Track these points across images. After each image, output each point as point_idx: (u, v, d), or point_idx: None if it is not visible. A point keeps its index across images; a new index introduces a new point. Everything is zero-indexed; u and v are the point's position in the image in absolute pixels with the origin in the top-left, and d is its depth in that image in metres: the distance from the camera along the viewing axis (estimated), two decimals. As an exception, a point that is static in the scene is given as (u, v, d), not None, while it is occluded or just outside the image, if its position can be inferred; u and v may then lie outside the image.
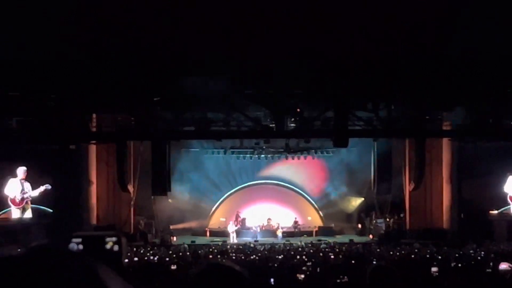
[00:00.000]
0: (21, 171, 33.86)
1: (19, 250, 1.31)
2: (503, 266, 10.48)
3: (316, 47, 21.99)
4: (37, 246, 1.27)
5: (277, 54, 22.30)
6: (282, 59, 22.77)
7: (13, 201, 33.80)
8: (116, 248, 2.01)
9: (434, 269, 11.58)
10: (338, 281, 10.55)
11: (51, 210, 33.87)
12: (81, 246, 1.95)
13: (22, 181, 33.96)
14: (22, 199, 33.86)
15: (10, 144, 30.72)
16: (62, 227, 29.80)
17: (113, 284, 1.23)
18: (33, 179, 34.00)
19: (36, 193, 33.89)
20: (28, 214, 34.13)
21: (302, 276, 12.54)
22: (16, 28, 20.51)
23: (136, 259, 22.47)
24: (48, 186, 33.68)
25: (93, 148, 35.02)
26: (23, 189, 33.93)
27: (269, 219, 40.78)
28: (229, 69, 23.80)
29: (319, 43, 21.75)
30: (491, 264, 16.46)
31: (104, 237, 2.01)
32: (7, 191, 33.78)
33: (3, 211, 33.75)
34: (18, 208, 33.93)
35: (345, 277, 12.03)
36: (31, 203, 34.05)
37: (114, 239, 2.01)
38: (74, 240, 1.97)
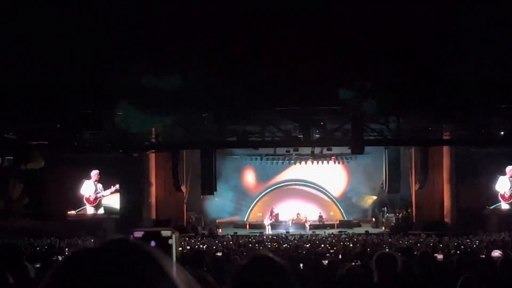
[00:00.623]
0: (94, 173, 34.16)
1: (92, 241, 1.32)
2: (495, 253, 10.34)
3: (337, 72, 21.95)
4: (110, 240, 1.26)
5: (305, 78, 22.29)
6: (309, 82, 22.76)
7: (87, 199, 34.11)
8: (170, 241, 2.00)
9: (439, 256, 11.45)
10: (353, 264, 10.43)
11: (119, 208, 34.14)
12: (153, 243, 1.94)
13: (95, 182, 34.25)
14: (96, 198, 34.15)
15: (84, 152, 30.95)
16: (128, 221, 30.02)
17: (171, 270, 1.23)
18: (104, 181, 34.29)
19: (107, 192, 34.20)
20: (101, 211, 34.41)
21: (326, 262, 12.43)
22: (90, 59, 20.68)
23: (188, 247, 22.55)
24: (117, 187, 33.94)
25: (152, 156, 35.21)
26: (96, 190, 34.20)
27: (298, 214, 40.62)
28: (265, 90, 23.83)
29: (340, 69, 21.71)
30: (484, 251, 16.26)
31: (159, 232, 2.01)
32: (83, 191, 34.08)
33: (80, 208, 34.03)
34: (92, 206, 34.21)
35: (358, 261, 11.92)
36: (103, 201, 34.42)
37: (169, 233, 2.01)
38: (136, 234, 1.97)
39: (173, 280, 1.21)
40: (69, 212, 33.61)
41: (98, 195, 34.18)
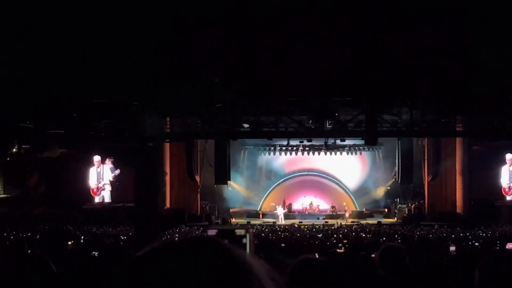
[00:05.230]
0: (96, 160, 33.95)
1: (176, 239, 1.31)
2: (510, 246, 10.22)
3: (351, 64, 21.90)
4: (192, 237, 1.26)
5: (319, 69, 22.24)
6: (323, 73, 22.71)
7: (92, 191, 34.05)
8: (244, 240, 1.94)
9: (452, 248, 11.31)
10: (373, 256, 10.33)
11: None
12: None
13: (98, 169, 34.09)
14: (98, 188, 34.04)
15: (100, 142, 31.03)
16: (142, 210, 30.03)
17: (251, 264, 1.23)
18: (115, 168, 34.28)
19: (108, 179, 34.00)
20: (107, 199, 34.31)
21: (342, 250, 12.35)
22: (106, 50, 20.72)
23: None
24: (116, 172, 33.79)
25: (167, 146, 35.21)
26: (99, 177, 34.05)
27: (311, 204, 40.67)
28: (279, 81, 23.80)
29: (353, 60, 21.65)
30: (497, 242, 16.13)
31: (234, 230, 1.95)
32: (90, 182, 34.00)
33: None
34: (96, 196, 34.14)
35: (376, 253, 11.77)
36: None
37: (243, 232, 1.94)
38: (210, 232, 1.92)
39: (254, 271, 1.21)
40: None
41: (100, 185, 34.02)
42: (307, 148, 40.15)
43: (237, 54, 22.02)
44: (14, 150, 32.26)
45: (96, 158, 33.90)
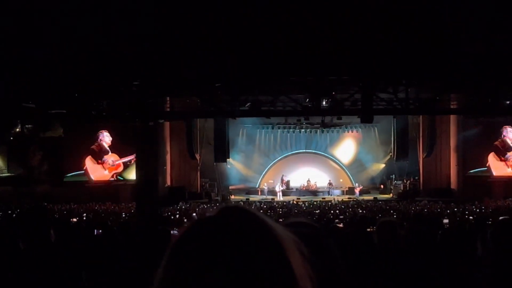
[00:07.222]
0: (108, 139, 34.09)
1: (210, 210, 1.40)
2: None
3: (347, 43, 21.86)
4: (225, 207, 1.38)
5: (315, 48, 22.21)
6: (319, 52, 22.67)
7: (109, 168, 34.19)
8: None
9: (445, 220, 11.41)
10: (369, 230, 10.43)
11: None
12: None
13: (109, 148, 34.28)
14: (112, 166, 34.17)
15: (101, 121, 31.07)
16: (143, 188, 30.14)
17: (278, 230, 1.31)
18: (119, 149, 34.34)
19: (123, 160, 34.14)
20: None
21: (341, 225, 12.46)
22: (108, 28, 20.68)
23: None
24: (129, 158, 33.91)
25: (167, 125, 35.28)
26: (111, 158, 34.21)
27: (308, 181, 40.78)
28: (277, 60, 23.73)
29: (350, 39, 21.62)
30: (489, 218, 16.25)
31: None
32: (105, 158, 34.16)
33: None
34: (109, 173, 34.26)
35: (373, 227, 11.88)
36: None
37: None
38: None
39: (280, 238, 1.27)
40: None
41: (110, 163, 34.16)
42: (304, 126, 40.30)
43: (236, 34, 21.97)
44: (17, 129, 32.31)
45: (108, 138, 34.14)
